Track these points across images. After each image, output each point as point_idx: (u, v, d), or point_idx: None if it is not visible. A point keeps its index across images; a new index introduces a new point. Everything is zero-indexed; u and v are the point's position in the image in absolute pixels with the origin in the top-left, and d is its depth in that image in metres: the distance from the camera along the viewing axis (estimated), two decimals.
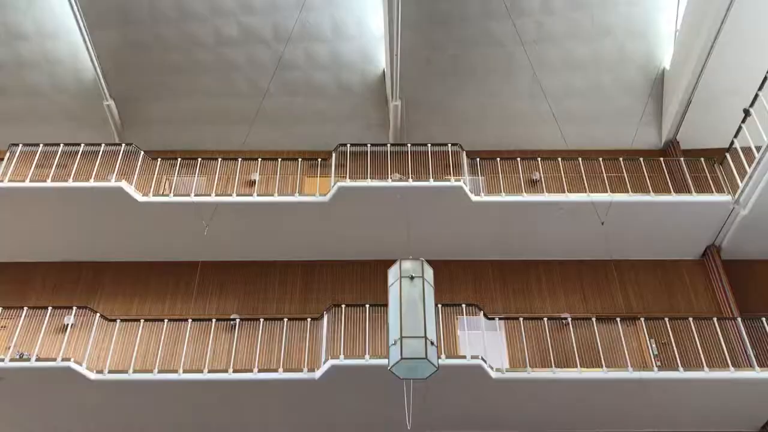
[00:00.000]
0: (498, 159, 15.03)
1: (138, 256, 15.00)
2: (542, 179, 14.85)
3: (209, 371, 12.03)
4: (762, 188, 13.29)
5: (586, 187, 14.36)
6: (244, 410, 12.58)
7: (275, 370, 12.06)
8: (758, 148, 13.26)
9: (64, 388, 12.04)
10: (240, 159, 15.03)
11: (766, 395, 12.29)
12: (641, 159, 14.98)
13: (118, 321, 12.93)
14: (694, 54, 15.31)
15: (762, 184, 13.25)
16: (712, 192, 14.27)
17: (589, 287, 14.81)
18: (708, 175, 14.61)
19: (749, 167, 13.49)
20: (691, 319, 12.90)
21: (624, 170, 14.68)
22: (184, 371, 12.01)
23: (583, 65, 16.60)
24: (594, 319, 13.02)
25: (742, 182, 13.71)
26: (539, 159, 15.12)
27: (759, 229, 14.16)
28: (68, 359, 11.83)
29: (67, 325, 12.97)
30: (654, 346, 13.06)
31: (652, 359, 12.74)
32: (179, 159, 15.05)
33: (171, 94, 16.90)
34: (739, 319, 13.03)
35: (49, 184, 13.77)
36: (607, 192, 14.18)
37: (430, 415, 12.44)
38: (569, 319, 13.32)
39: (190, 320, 12.92)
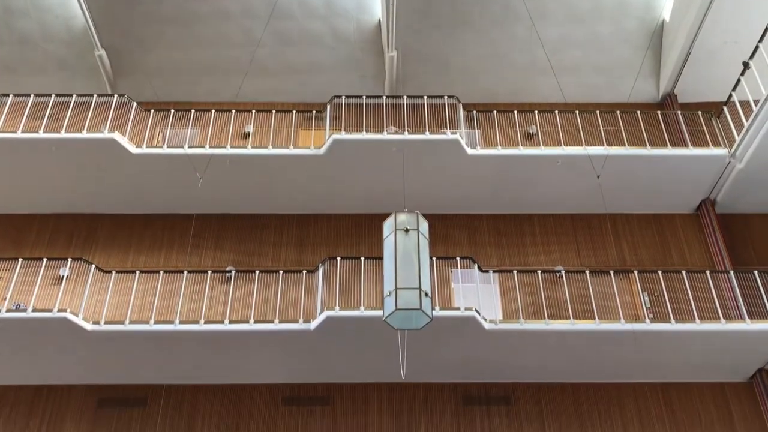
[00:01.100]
0: (494, 112, 14.92)
1: (133, 208, 14.97)
2: (539, 133, 14.77)
3: (205, 322, 12.11)
4: (759, 142, 13.25)
5: (583, 140, 14.31)
6: (240, 360, 12.72)
7: (271, 321, 12.15)
8: (756, 102, 13.18)
9: (61, 338, 12.13)
10: (234, 111, 14.88)
11: (756, 347, 12.48)
12: (638, 112, 14.89)
13: (114, 273, 12.97)
14: (694, 5, 15.07)
15: (759, 138, 13.21)
16: (709, 146, 14.23)
17: (583, 241, 14.87)
18: (705, 128, 14.56)
19: (746, 121, 13.42)
20: (684, 272, 13.01)
21: (621, 124, 14.60)
22: (181, 322, 12.09)
23: (582, 16, 16.34)
24: (587, 272, 13.10)
25: (738, 136, 13.66)
26: (536, 112, 15.02)
27: (754, 182, 14.17)
28: (64, 310, 11.88)
29: (63, 276, 13.00)
30: (647, 298, 13.19)
31: (645, 312, 12.88)
32: (172, 111, 14.90)
33: (163, 45, 16.63)
34: (732, 272, 13.14)
35: (41, 135, 13.64)
36: (603, 146, 14.13)
37: (424, 365, 12.60)
38: (563, 272, 13.40)
39: (185, 272, 12.96)
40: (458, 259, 13.22)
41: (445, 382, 13.30)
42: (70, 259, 13.18)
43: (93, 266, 12.90)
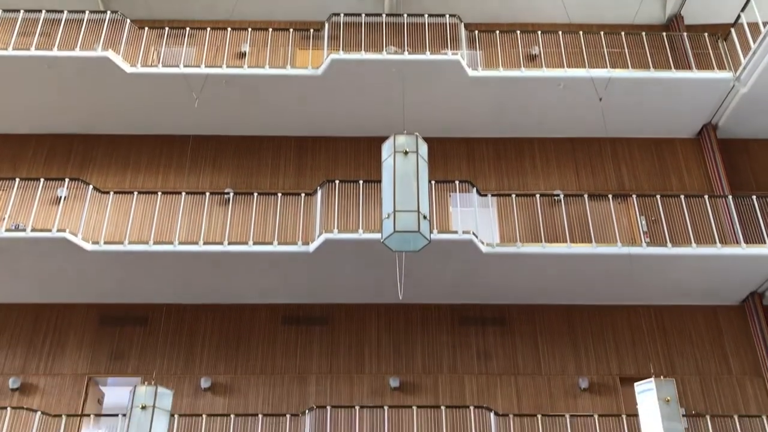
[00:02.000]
0: (497, 32, 14.58)
1: (129, 129, 14.81)
2: (541, 54, 14.48)
3: (204, 243, 12.18)
4: (764, 65, 13.01)
5: (586, 62, 14.05)
6: (239, 281, 12.87)
7: (270, 243, 12.21)
8: (765, 24, 12.87)
9: (61, 258, 12.21)
10: (229, 29, 14.52)
11: (750, 271, 12.62)
12: (643, 34, 14.57)
13: (112, 193, 12.95)
14: None
15: (765, 61, 12.97)
16: (714, 69, 14.00)
17: (582, 165, 14.82)
18: (711, 51, 14.28)
19: (754, 43, 13.14)
20: (682, 196, 13.03)
21: (625, 46, 14.30)
22: (180, 243, 12.15)
23: None
24: (586, 196, 13.11)
25: (744, 59, 13.40)
26: (539, 33, 14.68)
27: (757, 107, 14.01)
28: (63, 230, 11.91)
29: (61, 197, 12.99)
30: (644, 223, 13.26)
31: (642, 236, 12.96)
32: (167, 29, 14.53)
33: None
34: (730, 197, 13.16)
35: (33, 52, 13.33)
36: (606, 68, 13.88)
37: (422, 287, 12.77)
38: (561, 196, 13.41)
39: (183, 193, 12.95)
40: (457, 182, 13.19)
41: (441, 303, 13.51)
42: (67, 180, 13.13)
43: (90, 187, 12.87)
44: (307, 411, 11.34)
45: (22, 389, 12.54)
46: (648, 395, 9.22)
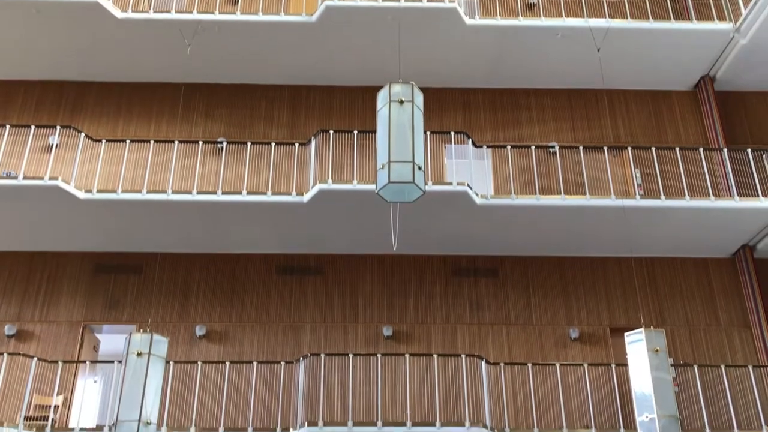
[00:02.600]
0: None
1: (121, 76, 14.58)
2: (540, 3, 14.25)
3: (198, 193, 12.13)
4: (765, 16, 12.85)
5: (585, 12, 13.84)
6: (233, 231, 12.88)
7: (264, 193, 12.18)
8: None
9: (54, 207, 12.16)
10: None
11: (742, 223, 12.70)
12: None
13: (104, 141, 12.84)
14: None
15: (765, 12, 12.80)
16: (714, 20, 13.81)
17: (578, 117, 14.73)
18: (711, 2, 14.07)
19: None
20: (677, 149, 13.01)
21: None
22: (173, 192, 12.11)
23: None
24: (581, 149, 13.07)
25: (745, 9, 13.22)
26: None
27: (756, 59, 13.89)
28: (56, 178, 11.83)
29: (52, 145, 12.87)
30: (638, 175, 13.26)
31: (636, 188, 12.98)
32: None
33: None
34: (725, 150, 13.15)
35: None
36: (605, 18, 13.68)
37: (416, 238, 12.81)
38: (557, 148, 13.36)
39: (176, 142, 12.85)
40: (452, 133, 13.11)
41: (435, 254, 13.58)
42: (58, 127, 12.98)
43: (82, 134, 12.74)
44: (301, 358, 11.48)
45: (18, 336, 12.65)
46: (637, 345, 9.36)
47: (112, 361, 11.21)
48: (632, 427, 10.33)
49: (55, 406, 11.24)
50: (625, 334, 9.72)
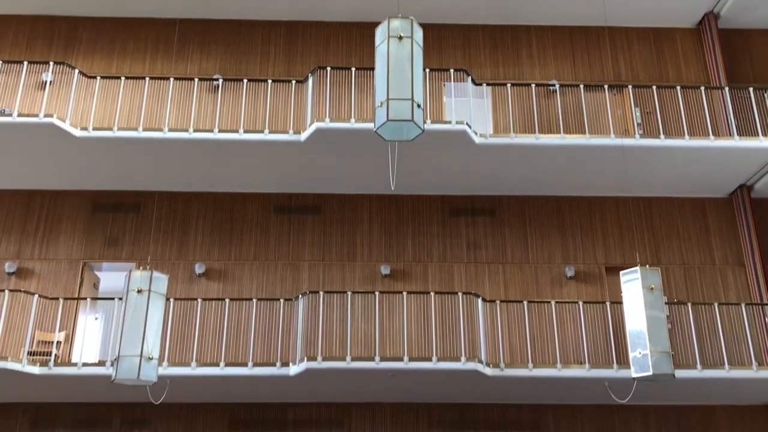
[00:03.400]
0: None
1: (114, 11, 14.28)
2: None
3: (194, 131, 12.03)
4: None
5: None
6: (230, 170, 12.83)
7: (261, 131, 12.08)
8: None
9: (50, 144, 12.07)
10: None
11: (741, 163, 12.68)
12: None
13: (98, 78, 12.64)
14: None
15: None
16: None
17: (579, 55, 14.52)
18: None
19: None
20: (678, 87, 12.87)
21: None
22: (170, 130, 12.00)
23: None
24: (582, 87, 12.92)
25: None
26: None
27: None
28: (51, 116, 11.70)
29: (46, 81, 12.68)
30: (638, 114, 13.15)
31: (635, 128, 12.89)
32: None
33: None
34: (727, 89, 13.01)
35: None
36: None
37: (414, 178, 12.78)
38: (557, 87, 13.21)
39: (171, 79, 12.67)
40: (452, 71, 12.92)
41: (432, 194, 13.58)
42: (52, 63, 12.77)
43: (77, 71, 12.54)
44: (300, 296, 11.60)
45: (19, 273, 12.74)
46: (633, 284, 9.45)
47: (113, 298, 11.32)
48: (625, 363, 10.53)
49: (57, 342, 11.41)
50: (621, 272, 9.79)
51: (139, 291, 8.97)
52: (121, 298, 9.36)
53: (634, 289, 9.38)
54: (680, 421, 12.36)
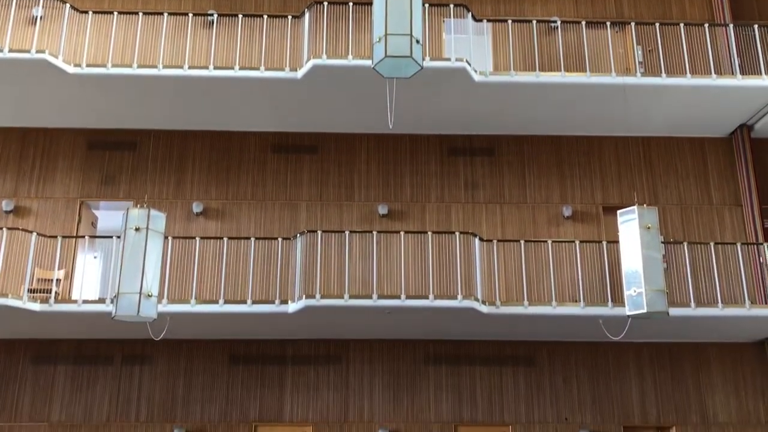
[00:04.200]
0: None
1: None
2: None
3: (189, 68, 11.84)
4: None
5: None
6: (227, 108, 12.69)
7: (257, 69, 11.89)
8: None
9: (43, 81, 11.88)
10: None
11: (743, 102, 12.56)
12: None
13: (90, 13, 12.36)
14: None
15: None
16: None
17: None
18: None
19: None
20: (681, 24, 12.64)
21: None
22: (164, 66, 11.81)
23: None
24: (583, 24, 12.68)
25: None
26: None
27: None
28: (42, 51, 11.49)
29: (37, 17, 12.40)
30: (640, 53, 12.95)
31: (637, 66, 12.71)
32: None
33: None
34: (731, 26, 12.78)
35: None
36: None
37: (412, 117, 12.66)
38: (558, 23, 12.97)
39: (165, 14, 12.40)
40: (451, 6, 12.64)
41: (431, 133, 13.48)
42: None
43: (67, 6, 12.24)
44: (298, 235, 11.64)
45: (16, 212, 12.74)
46: (630, 223, 9.48)
47: (111, 237, 11.35)
48: (620, 301, 10.66)
49: (57, 280, 11.49)
50: (618, 211, 9.82)
51: (137, 229, 8.99)
52: (119, 237, 9.38)
53: (631, 228, 9.42)
54: (672, 358, 12.60)
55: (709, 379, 12.50)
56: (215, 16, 12.68)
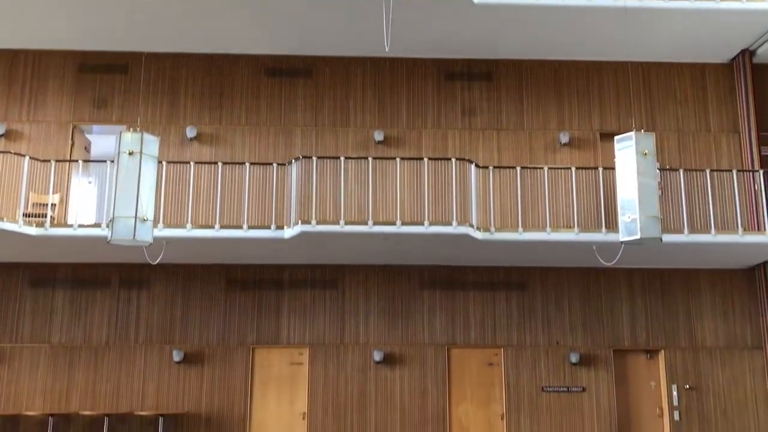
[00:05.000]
0: None
1: None
2: None
3: None
4: None
5: None
6: (217, 29, 12.44)
7: None
8: None
9: None
10: None
11: (746, 26, 12.30)
12: None
13: None
14: None
15: None
16: None
17: None
18: None
19: None
20: None
21: None
22: None
23: None
24: None
25: None
26: None
27: None
28: None
29: None
30: None
31: None
32: None
33: None
34: None
35: None
36: None
37: (409, 40, 12.41)
38: None
39: None
40: None
41: (427, 57, 13.26)
42: None
43: None
44: (293, 161, 11.57)
45: (8, 135, 12.61)
46: (627, 150, 9.42)
47: (105, 161, 11.27)
48: (614, 228, 10.72)
49: (52, 204, 11.47)
50: (616, 137, 9.75)
51: (131, 153, 8.91)
52: (113, 161, 9.31)
53: (628, 154, 9.37)
54: (663, 283, 12.78)
55: (699, 304, 12.73)
56: None
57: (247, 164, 11.79)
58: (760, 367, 12.46)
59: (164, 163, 11.20)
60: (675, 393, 12.33)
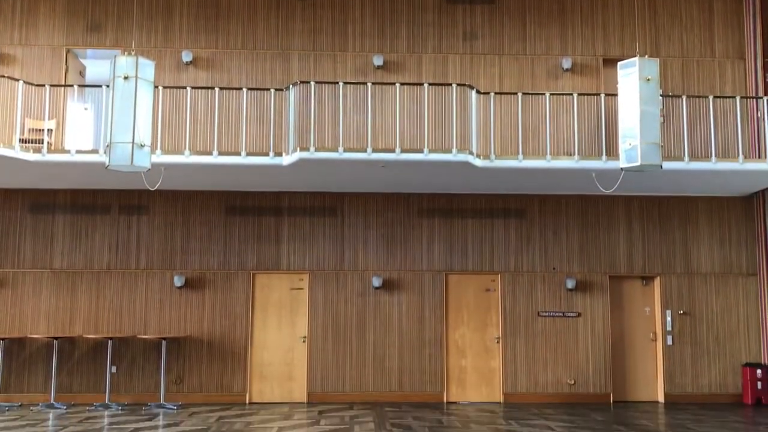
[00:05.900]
0: None
1: None
2: None
3: None
4: None
5: None
6: None
7: None
8: None
9: None
10: None
11: None
12: None
13: None
14: None
15: None
16: None
17: None
18: None
19: None
20: None
21: None
22: None
23: None
24: None
25: None
26: None
27: None
28: None
29: None
30: None
31: None
32: None
33: None
34: None
35: None
36: None
37: None
38: None
39: None
40: None
41: None
42: None
43: None
44: (291, 86, 11.40)
45: (0, 60, 12.39)
46: (630, 77, 9.27)
47: (100, 86, 11.10)
48: (614, 155, 10.65)
49: (48, 130, 11.37)
50: (619, 63, 9.58)
51: (126, 77, 8.77)
52: (108, 86, 9.16)
53: (631, 80, 9.23)
54: (661, 210, 12.82)
55: (696, 231, 12.81)
56: None
57: (245, 89, 11.60)
58: (754, 294, 12.65)
59: (160, 88, 11.03)
60: (669, 318, 12.56)
